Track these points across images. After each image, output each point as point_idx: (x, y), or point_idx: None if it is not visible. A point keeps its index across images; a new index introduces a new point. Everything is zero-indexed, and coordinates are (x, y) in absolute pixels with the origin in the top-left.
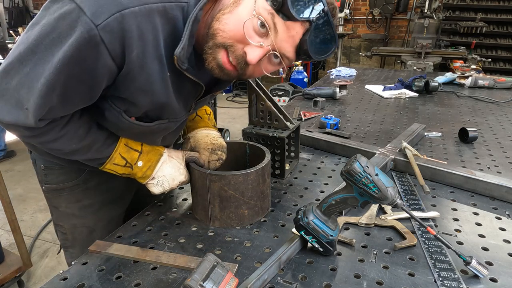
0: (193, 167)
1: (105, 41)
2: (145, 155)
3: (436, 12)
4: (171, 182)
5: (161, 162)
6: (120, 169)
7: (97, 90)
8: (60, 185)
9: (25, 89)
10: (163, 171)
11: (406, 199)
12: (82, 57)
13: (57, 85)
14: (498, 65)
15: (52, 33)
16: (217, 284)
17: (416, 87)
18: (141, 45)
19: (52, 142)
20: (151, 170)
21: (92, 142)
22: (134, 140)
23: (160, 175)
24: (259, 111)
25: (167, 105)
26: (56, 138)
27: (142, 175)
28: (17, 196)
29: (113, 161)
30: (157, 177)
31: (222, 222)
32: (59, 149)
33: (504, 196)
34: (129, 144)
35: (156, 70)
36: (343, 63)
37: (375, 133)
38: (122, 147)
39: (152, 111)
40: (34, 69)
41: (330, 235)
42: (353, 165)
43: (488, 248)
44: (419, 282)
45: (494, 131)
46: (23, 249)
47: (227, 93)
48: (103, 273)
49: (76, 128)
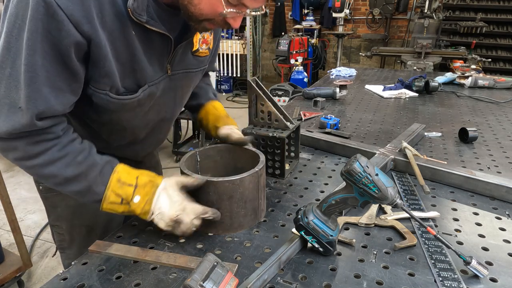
0: (182, 168)
1: (62, 7)
2: (142, 189)
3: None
4: (167, 215)
5: (157, 195)
6: (119, 207)
7: (76, 69)
8: None
9: (13, 88)
10: (160, 204)
11: (406, 199)
12: (46, 29)
13: (37, 68)
14: (498, 65)
15: (16, 20)
16: (217, 284)
17: (416, 87)
18: (97, 4)
19: (48, 165)
20: (149, 205)
21: (89, 169)
22: (134, 127)
23: (157, 208)
24: (259, 111)
25: (137, 65)
26: (54, 159)
27: (141, 211)
28: (17, 196)
29: (109, 200)
30: (156, 211)
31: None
32: (54, 174)
33: (504, 196)
34: (122, 179)
35: (116, 28)
36: (343, 63)
37: (375, 133)
38: (114, 183)
39: (126, 77)
40: (14, 65)
41: (330, 235)
42: (353, 165)
43: (488, 248)
44: (419, 282)
45: (494, 131)
46: (23, 249)
47: (227, 93)
48: (103, 273)
49: (77, 152)
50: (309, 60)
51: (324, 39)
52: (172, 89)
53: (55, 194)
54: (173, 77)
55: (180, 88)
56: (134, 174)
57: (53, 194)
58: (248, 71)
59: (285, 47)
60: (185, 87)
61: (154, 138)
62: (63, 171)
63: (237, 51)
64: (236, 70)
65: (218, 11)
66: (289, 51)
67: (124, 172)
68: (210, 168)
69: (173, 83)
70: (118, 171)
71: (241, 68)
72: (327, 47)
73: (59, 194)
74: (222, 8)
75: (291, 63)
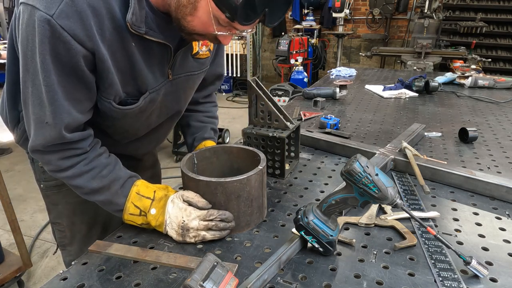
0: (185, 172)
1: (66, 28)
2: (157, 202)
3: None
4: (175, 222)
5: (167, 205)
6: (138, 218)
7: (89, 80)
8: (59, 180)
9: (37, 106)
10: (169, 213)
11: (406, 199)
12: (55, 51)
13: (55, 87)
14: (498, 65)
15: (28, 43)
16: (217, 284)
17: (416, 87)
18: (97, 21)
19: (76, 178)
20: (163, 216)
21: (112, 183)
22: (136, 129)
23: (167, 217)
24: (259, 111)
25: (138, 74)
26: (81, 173)
27: (156, 222)
28: (17, 196)
29: (128, 211)
30: (167, 220)
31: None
32: (81, 186)
33: (504, 196)
34: (141, 192)
35: (116, 41)
36: (343, 63)
37: (375, 133)
38: (134, 196)
39: (128, 85)
40: (34, 84)
41: (330, 235)
42: (353, 165)
43: (488, 248)
44: (419, 282)
45: (494, 131)
46: (23, 249)
47: (227, 93)
48: (103, 273)
49: (102, 166)
50: (309, 60)
51: (324, 39)
52: (174, 92)
53: (56, 192)
54: (174, 82)
55: (183, 91)
56: (152, 189)
57: (54, 192)
58: (248, 71)
59: (285, 47)
60: (187, 89)
61: (155, 136)
62: (89, 183)
63: (237, 51)
64: (236, 70)
65: (210, 30)
66: (289, 51)
67: (143, 186)
68: (207, 170)
69: (175, 86)
70: (138, 185)
71: (241, 68)
72: (327, 47)
73: (59, 192)
74: (213, 30)
75: (291, 63)
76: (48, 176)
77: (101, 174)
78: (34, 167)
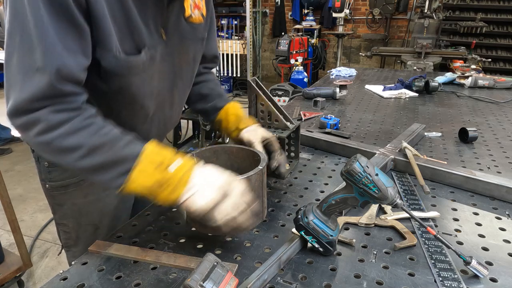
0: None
1: None
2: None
3: (436, 12)
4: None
5: (197, 168)
6: (151, 174)
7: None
8: (66, 181)
9: (26, 53)
10: (205, 173)
11: (406, 199)
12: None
13: (45, 23)
14: (498, 65)
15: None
16: (217, 284)
17: (416, 87)
18: None
19: (71, 135)
20: (190, 173)
21: (116, 140)
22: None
23: (201, 180)
24: (259, 111)
25: (133, 26)
26: (78, 128)
27: (177, 182)
28: (17, 196)
29: (148, 159)
30: (199, 182)
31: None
32: (78, 144)
33: (504, 196)
34: (156, 148)
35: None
36: (343, 63)
37: (375, 133)
38: (151, 148)
39: (125, 39)
40: (24, 27)
41: (330, 235)
42: (353, 165)
43: (488, 248)
44: (419, 282)
45: (494, 131)
46: (23, 249)
47: (227, 93)
48: (103, 273)
49: (101, 125)
50: (309, 60)
51: (324, 39)
52: (170, 56)
53: (62, 193)
54: (169, 43)
55: (178, 56)
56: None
57: (60, 193)
58: (248, 71)
59: (285, 47)
60: (183, 55)
61: (162, 117)
62: (88, 140)
63: (237, 51)
64: (236, 70)
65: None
66: (289, 51)
67: (157, 146)
68: None
69: (170, 49)
70: (151, 143)
71: (241, 68)
72: (327, 47)
73: (66, 193)
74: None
75: (291, 63)
76: (54, 176)
77: (102, 132)
78: (39, 166)
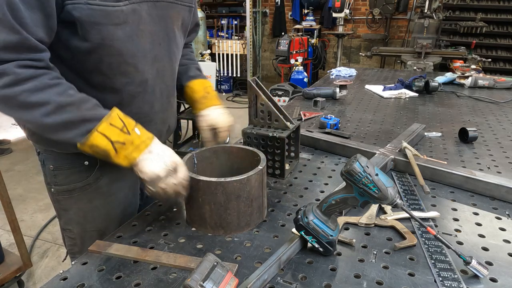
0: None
1: None
2: (141, 129)
3: (436, 12)
4: (169, 155)
5: (155, 141)
6: (116, 133)
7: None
8: (71, 185)
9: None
10: (160, 147)
11: (406, 199)
12: None
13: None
14: (498, 65)
15: None
16: (217, 284)
17: (416, 87)
18: None
19: (39, 91)
20: (150, 140)
21: (84, 100)
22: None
23: (159, 148)
24: (259, 111)
25: None
26: (45, 86)
27: (140, 143)
28: (17, 196)
29: (111, 121)
30: (157, 149)
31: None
32: (45, 100)
33: (504, 196)
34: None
35: None
36: (343, 63)
37: (375, 133)
38: (118, 111)
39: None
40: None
41: (330, 235)
42: (353, 165)
43: (488, 248)
44: (419, 282)
45: (494, 131)
46: (23, 249)
47: (227, 93)
48: (103, 273)
49: (68, 86)
50: (309, 60)
51: (324, 39)
52: (161, 18)
53: (67, 197)
54: (158, 4)
55: (170, 19)
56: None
57: (65, 197)
58: (248, 71)
59: (285, 47)
60: (174, 19)
61: (164, 91)
62: (55, 97)
63: (237, 51)
64: (236, 70)
65: None
66: (289, 51)
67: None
68: (207, 170)
69: (160, 11)
70: (116, 110)
71: (241, 68)
72: (327, 47)
73: (71, 197)
74: None
75: (291, 63)
76: (59, 180)
77: (69, 93)
78: (45, 170)
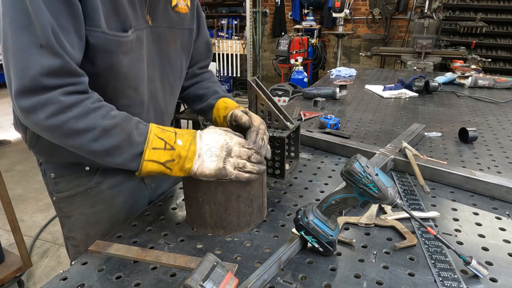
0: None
1: None
2: (181, 136)
3: (436, 12)
4: (217, 143)
5: (199, 135)
6: (163, 154)
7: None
8: (73, 190)
9: (24, 31)
10: (205, 139)
11: (406, 199)
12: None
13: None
14: (498, 65)
15: None
16: (217, 284)
17: (416, 87)
18: None
19: (84, 117)
20: (194, 145)
21: (125, 121)
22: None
23: (204, 143)
24: (259, 111)
25: (119, 6)
26: (89, 110)
27: (188, 152)
28: (17, 196)
29: (152, 145)
30: (204, 147)
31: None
32: (91, 125)
33: (504, 196)
34: (161, 127)
35: None
36: (343, 63)
37: (375, 133)
38: (155, 129)
39: (110, 18)
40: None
41: (330, 235)
42: (353, 165)
43: (488, 248)
44: (419, 282)
45: (494, 131)
46: (23, 249)
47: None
48: (103, 273)
49: (109, 108)
50: (309, 60)
51: (324, 39)
52: (158, 42)
53: (69, 204)
54: (155, 30)
55: (166, 44)
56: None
57: (67, 204)
58: (248, 71)
59: (285, 47)
60: (170, 43)
61: (158, 110)
62: (100, 121)
63: (237, 51)
64: (236, 70)
65: None
66: (289, 51)
67: (159, 127)
68: None
69: (157, 36)
70: (153, 125)
71: (241, 68)
72: (327, 47)
73: (73, 203)
74: None
75: (291, 63)
76: (60, 187)
77: (111, 114)
78: (46, 179)
